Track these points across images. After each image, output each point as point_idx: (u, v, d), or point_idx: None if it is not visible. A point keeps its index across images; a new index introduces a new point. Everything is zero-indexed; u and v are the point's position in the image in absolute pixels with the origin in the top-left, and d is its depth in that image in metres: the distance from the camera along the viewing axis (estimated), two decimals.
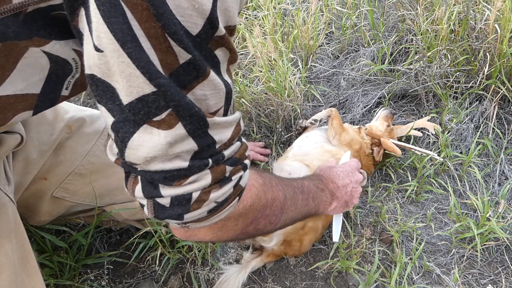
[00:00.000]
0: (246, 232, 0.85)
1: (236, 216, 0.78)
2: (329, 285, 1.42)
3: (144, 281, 1.41)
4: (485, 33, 1.76)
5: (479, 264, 1.47)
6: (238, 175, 0.73)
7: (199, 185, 0.66)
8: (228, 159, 0.70)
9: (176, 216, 0.68)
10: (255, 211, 0.82)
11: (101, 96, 0.58)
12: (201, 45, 0.56)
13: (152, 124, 0.58)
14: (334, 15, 2.37)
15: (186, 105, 0.58)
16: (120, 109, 0.57)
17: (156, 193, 0.65)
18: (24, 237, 0.96)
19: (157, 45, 0.53)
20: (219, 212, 0.73)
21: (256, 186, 0.82)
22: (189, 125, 0.60)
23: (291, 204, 0.94)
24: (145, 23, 0.51)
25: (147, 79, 0.54)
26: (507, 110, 1.85)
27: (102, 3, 0.50)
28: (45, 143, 1.16)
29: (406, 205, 1.67)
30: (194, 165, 0.64)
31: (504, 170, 1.73)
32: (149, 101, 0.56)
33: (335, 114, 1.63)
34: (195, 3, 0.53)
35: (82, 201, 1.28)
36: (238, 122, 0.71)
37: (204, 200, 0.68)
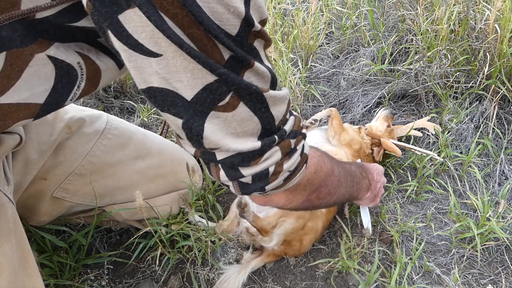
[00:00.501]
0: (310, 199, 0.95)
1: (305, 181, 0.88)
2: (329, 285, 1.41)
3: (144, 281, 1.41)
4: (485, 33, 1.76)
5: (479, 264, 1.47)
6: (301, 144, 0.81)
7: (272, 160, 0.74)
8: (290, 133, 0.76)
9: (259, 189, 0.78)
10: (319, 178, 0.93)
11: (162, 105, 0.63)
12: (242, 42, 0.62)
13: (218, 109, 0.64)
14: (334, 15, 2.37)
15: (245, 86, 0.64)
16: (185, 108, 0.63)
17: (239, 175, 0.74)
18: (23, 238, 0.96)
19: (202, 47, 0.58)
20: (292, 179, 0.81)
21: (316, 157, 0.93)
22: (249, 103, 0.66)
23: (344, 181, 1.05)
24: (187, 29, 0.56)
25: (209, 71, 0.59)
26: (507, 110, 1.85)
27: (151, 14, 0.53)
28: (45, 143, 1.16)
29: (406, 205, 1.67)
30: (265, 143, 0.71)
31: (504, 170, 1.72)
32: (213, 88, 0.62)
33: (335, 114, 1.63)
34: (230, 7, 0.57)
35: (82, 201, 1.28)
36: (288, 98, 0.77)
37: (279, 171, 0.77)
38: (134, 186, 1.29)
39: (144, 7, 0.53)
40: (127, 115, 2.05)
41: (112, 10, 0.54)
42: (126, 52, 0.58)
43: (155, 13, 0.53)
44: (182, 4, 0.53)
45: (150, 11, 0.53)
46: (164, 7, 0.53)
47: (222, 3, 0.56)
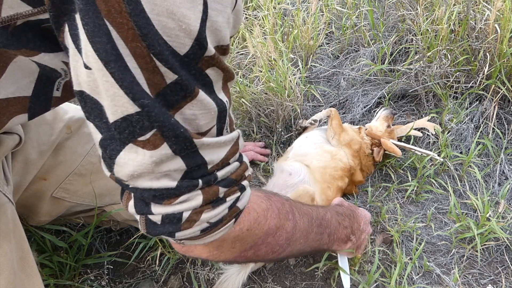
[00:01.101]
0: (245, 256, 0.83)
1: (232, 238, 0.76)
2: (329, 285, 1.41)
3: (144, 281, 1.41)
4: (485, 33, 1.76)
5: (479, 264, 1.47)
6: (234, 196, 0.71)
7: (189, 205, 0.65)
8: (222, 180, 0.68)
9: (167, 233, 0.68)
10: (254, 237, 0.80)
11: (89, 112, 0.59)
12: (189, 64, 0.56)
13: (137, 143, 0.58)
14: (334, 15, 2.37)
15: (171, 126, 0.58)
16: (107, 126, 0.58)
17: (147, 210, 0.65)
18: (23, 238, 0.96)
19: (143, 64, 0.53)
20: (212, 232, 0.71)
21: (257, 211, 0.79)
22: (174, 145, 0.59)
23: (301, 237, 0.91)
24: (131, 43, 0.51)
25: (130, 99, 0.54)
26: (507, 110, 1.85)
27: (86, 22, 0.50)
28: (45, 144, 1.16)
29: (406, 205, 1.67)
30: (183, 185, 0.63)
31: (504, 170, 1.72)
32: (133, 121, 0.56)
33: (334, 114, 1.63)
34: (181, 23, 0.52)
35: (82, 201, 1.29)
36: (235, 141, 0.70)
37: (195, 220, 0.67)
38: None
39: (83, 12, 0.50)
40: None
41: (70, 8, 0.52)
42: (72, 50, 0.55)
43: (95, 21, 0.50)
44: (129, 13, 0.50)
45: (88, 18, 0.50)
46: (111, 14, 0.50)
47: (174, 17, 0.52)
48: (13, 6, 0.57)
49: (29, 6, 0.57)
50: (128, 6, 0.49)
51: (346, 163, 1.56)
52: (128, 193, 0.67)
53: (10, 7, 0.57)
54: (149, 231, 0.68)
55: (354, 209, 1.24)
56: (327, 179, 1.49)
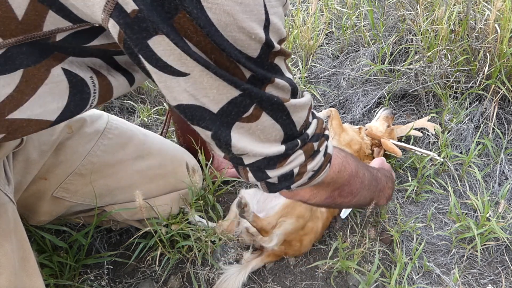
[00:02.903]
0: (333, 196, 0.99)
1: (328, 179, 0.92)
2: (329, 285, 1.41)
3: (144, 281, 1.41)
4: (485, 33, 1.76)
5: (479, 264, 1.47)
6: (324, 145, 0.85)
7: (296, 163, 0.79)
8: (313, 137, 0.81)
9: (285, 187, 0.83)
10: (342, 178, 0.97)
11: (192, 119, 0.68)
12: (262, 63, 0.66)
13: (242, 120, 0.69)
14: (334, 15, 2.37)
15: (267, 98, 0.69)
16: (212, 120, 0.68)
17: (266, 176, 0.79)
18: (23, 237, 0.96)
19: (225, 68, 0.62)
20: (316, 177, 0.86)
21: (340, 157, 0.97)
22: (271, 112, 0.71)
23: (368, 185, 1.09)
24: (210, 54, 0.60)
25: (233, 87, 0.64)
26: (507, 110, 1.85)
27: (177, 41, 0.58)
28: (46, 143, 1.16)
29: (406, 205, 1.67)
30: (288, 148, 0.76)
31: (504, 170, 1.72)
32: (237, 102, 0.66)
33: (334, 115, 1.63)
34: (251, 34, 0.61)
35: (82, 201, 1.28)
36: (310, 103, 0.80)
37: (304, 172, 0.82)
38: (134, 186, 1.29)
39: (170, 35, 0.57)
40: (127, 115, 2.05)
41: (142, 36, 0.58)
42: (156, 74, 0.62)
43: (181, 40, 0.58)
44: (205, 34, 0.58)
45: (176, 38, 0.58)
46: (188, 35, 0.58)
47: (244, 31, 0.60)
48: (55, 22, 0.62)
49: (70, 22, 0.63)
50: (204, 29, 0.58)
51: None
52: (243, 168, 0.80)
53: (52, 23, 0.62)
54: (271, 190, 0.83)
55: (391, 171, 1.42)
56: None
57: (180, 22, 0.57)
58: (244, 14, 0.60)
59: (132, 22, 0.57)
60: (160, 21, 0.57)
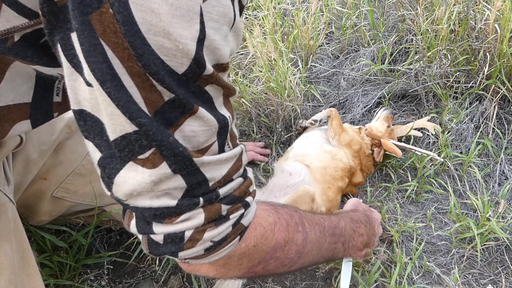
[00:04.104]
0: (254, 271, 0.80)
1: (238, 255, 0.74)
2: (329, 285, 1.41)
3: (144, 281, 1.41)
4: (485, 33, 1.76)
5: (479, 264, 1.47)
6: (238, 214, 0.70)
7: (191, 224, 0.64)
8: (224, 198, 0.67)
9: (170, 253, 0.66)
10: (262, 252, 0.77)
11: (89, 131, 0.58)
12: (187, 83, 0.56)
13: (137, 161, 0.58)
14: (334, 15, 2.37)
15: (170, 145, 0.57)
16: (108, 144, 0.57)
17: (149, 229, 0.64)
18: (23, 237, 0.96)
19: (140, 83, 0.53)
20: (217, 251, 0.69)
21: (264, 225, 0.77)
22: (174, 165, 0.59)
23: (313, 248, 0.88)
24: (127, 62, 0.51)
25: (127, 118, 0.54)
26: (507, 110, 1.85)
27: (82, 42, 0.50)
28: (45, 143, 1.16)
29: (406, 205, 1.67)
30: (183, 204, 0.62)
31: (504, 170, 1.72)
32: (131, 139, 0.56)
33: (334, 115, 1.63)
34: (178, 43, 0.52)
35: (82, 201, 1.29)
36: (238, 157, 0.68)
37: (198, 239, 0.65)
38: None
39: (79, 32, 0.50)
40: None
41: (65, 27, 0.52)
42: (68, 69, 0.55)
43: (91, 40, 0.50)
44: (123, 34, 0.49)
45: (84, 38, 0.50)
46: (106, 34, 0.50)
47: (170, 37, 0.51)
48: (10, 19, 0.57)
49: (26, 18, 0.57)
50: (123, 27, 0.49)
51: (346, 163, 1.56)
52: (130, 212, 0.66)
53: (7, 21, 0.57)
54: (152, 251, 0.67)
55: (369, 214, 1.22)
56: (327, 180, 1.49)
57: (101, 18, 0.49)
58: (174, 18, 0.51)
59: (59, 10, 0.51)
60: (77, 14, 0.49)
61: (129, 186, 0.59)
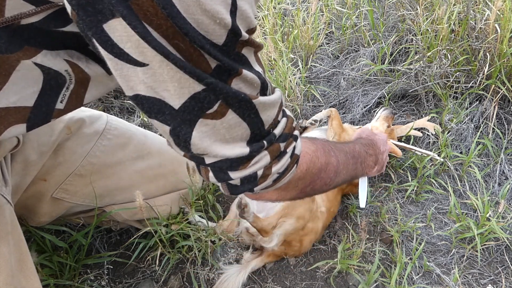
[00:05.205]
0: (304, 191, 0.94)
1: (296, 179, 0.87)
2: (329, 285, 1.41)
3: (144, 281, 1.41)
4: (485, 33, 1.76)
5: (479, 264, 1.47)
6: (291, 147, 0.80)
7: (260, 164, 0.74)
8: (280, 137, 0.76)
9: (247, 190, 0.78)
10: (312, 174, 0.91)
11: (149, 112, 0.63)
12: (228, 51, 0.61)
13: (206, 117, 0.64)
14: (334, 15, 2.37)
15: (234, 94, 0.64)
16: (172, 116, 0.63)
17: (227, 177, 0.74)
18: (21, 239, 0.96)
19: (188, 57, 0.57)
20: (282, 179, 0.81)
21: (309, 153, 0.90)
22: (238, 109, 0.66)
23: (343, 168, 1.04)
24: (172, 40, 0.55)
25: (196, 80, 0.59)
26: (507, 110, 1.85)
27: (134, 26, 0.53)
28: (44, 144, 1.16)
29: (406, 205, 1.66)
30: (253, 149, 0.71)
31: (504, 170, 1.72)
32: (200, 97, 0.61)
33: (334, 115, 1.63)
34: (215, 18, 0.56)
35: (82, 202, 1.29)
36: (280, 101, 0.76)
37: (268, 174, 0.77)
38: (134, 186, 1.29)
39: (127, 18, 0.53)
40: (127, 115, 2.05)
41: (97, 19, 0.53)
42: (111, 61, 0.57)
43: (139, 24, 0.53)
44: (166, 15, 0.53)
45: (134, 22, 0.53)
46: (148, 18, 0.53)
47: (207, 14, 0.55)
48: (17, 6, 0.59)
49: (32, 5, 0.59)
50: (164, 10, 0.53)
51: None
52: (205, 167, 0.74)
53: (14, 8, 0.59)
54: (233, 192, 0.78)
55: (372, 137, 1.36)
56: None
57: (139, 2, 0.52)
58: None
59: (86, 2, 0.53)
60: (117, 2, 0.52)
61: (206, 140, 0.67)
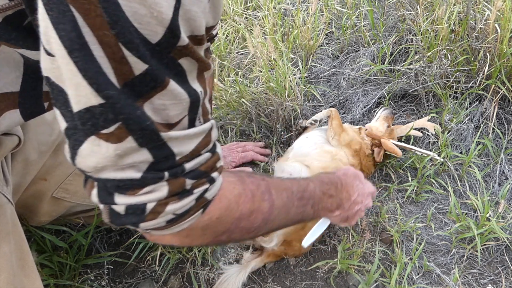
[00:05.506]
0: (219, 240, 0.80)
1: (201, 227, 0.73)
2: (329, 285, 1.41)
3: (144, 281, 1.41)
4: (485, 33, 1.76)
5: (479, 264, 1.47)
6: (202, 188, 0.69)
7: (153, 196, 0.63)
8: (190, 172, 0.66)
9: (131, 224, 0.65)
10: (226, 223, 0.77)
11: (56, 99, 0.56)
12: (161, 53, 0.54)
13: (100, 136, 0.55)
14: (334, 15, 2.37)
15: (137, 119, 0.55)
16: (71, 115, 0.55)
17: (111, 200, 0.63)
18: (22, 238, 0.96)
19: (110, 53, 0.50)
20: (179, 223, 0.69)
21: (229, 198, 0.75)
22: (140, 139, 0.57)
23: (280, 213, 0.88)
24: (98, 30, 0.49)
25: (94, 90, 0.51)
26: (507, 110, 1.85)
27: (50, 8, 0.47)
28: (44, 144, 1.16)
29: (406, 205, 1.67)
30: (148, 177, 0.61)
31: (504, 170, 1.72)
32: (96, 112, 0.53)
33: (334, 115, 1.63)
34: (153, 10, 0.50)
35: (82, 201, 1.29)
36: (207, 132, 0.67)
37: (160, 211, 0.65)
38: None
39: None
40: None
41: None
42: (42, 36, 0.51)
43: (59, 7, 0.47)
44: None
45: (53, 4, 0.47)
46: (77, 1, 0.47)
47: (145, 4, 0.49)
48: None
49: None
50: None
51: (347, 163, 1.55)
52: (91, 181, 0.64)
53: None
54: (113, 221, 0.65)
55: (344, 178, 1.14)
56: None
57: None
58: None
59: None
60: None
61: (93, 159, 0.57)
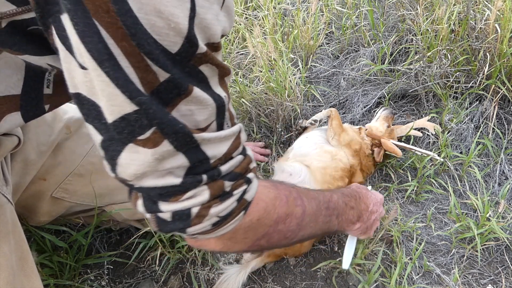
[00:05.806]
0: (258, 244, 0.83)
1: (244, 229, 0.76)
2: (329, 285, 1.41)
3: (144, 281, 1.41)
4: (485, 33, 1.76)
5: (479, 264, 1.47)
6: (241, 189, 0.72)
7: (196, 200, 0.65)
8: (227, 175, 0.68)
9: (178, 229, 0.68)
10: (265, 226, 0.80)
11: (87, 115, 0.58)
12: (181, 62, 0.56)
13: (137, 143, 0.57)
14: (334, 15, 2.37)
15: (170, 122, 0.57)
16: (106, 127, 0.57)
17: (156, 208, 0.65)
18: (22, 238, 0.96)
19: (135, 63, 0.52)
20: (223, 226, 0.71)
21: (266, 200, 0.79)
22: (175, 142, 0.59)
23: (311, 220, 0.91)
24: (120, 41, 0.50)
25: (127, 98, 0.53)
26: (507, 110, 1.85)
27: (76, 22, 0.49)
28: (44, 144, 1.16)
29: (406, 205, 1.66)
30: (187, 181, 0.63)
31: (504, 170, 1.72)
32: (131, 120, 0.55)
33: (334, 115, 1.63)
34: (170, 22, 0.51)
35: (81, 202, 1.29)
36: (237, 135, 0.69)
37: (204, 215, 0.67)
38: None
39: (72, 13, 0.49)
40: None
41: (55, 9, 0.51)
42: (63, 52, 0.54)
43: (84, 21, 0.49)
44: (116, 13, 0.49)
45: (78, 18, 0.49)
46: (99, 14, 0.49)
47: (162, 16, 0.51)
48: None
49: (14, 5, 0.57)
50: (115, 6, 0.48)
51: (346, 163, 1.55)
52: (136, 192, 0.67)
53: None
54: (161, 229, 0.68)
55: (360, 191, 1.21)
56: (327, 180, 1.49)
57: None
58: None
59: None
60: None
61: (133, 167, 0.59)
